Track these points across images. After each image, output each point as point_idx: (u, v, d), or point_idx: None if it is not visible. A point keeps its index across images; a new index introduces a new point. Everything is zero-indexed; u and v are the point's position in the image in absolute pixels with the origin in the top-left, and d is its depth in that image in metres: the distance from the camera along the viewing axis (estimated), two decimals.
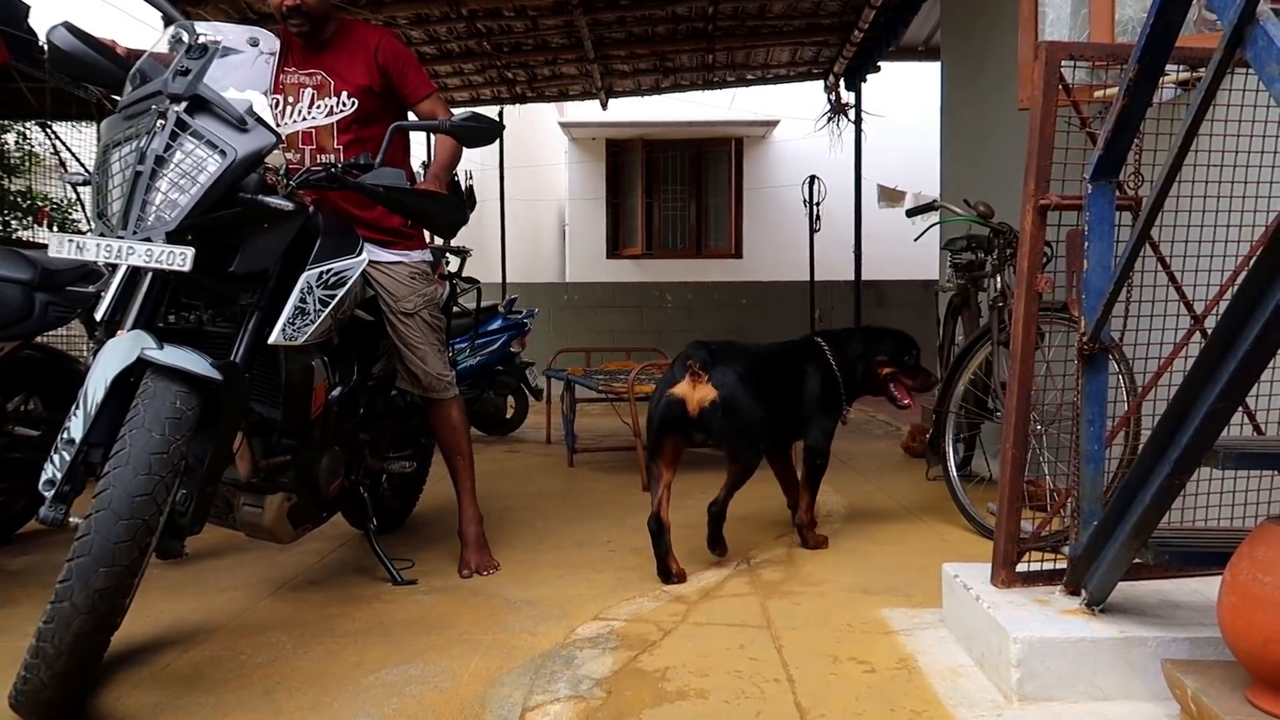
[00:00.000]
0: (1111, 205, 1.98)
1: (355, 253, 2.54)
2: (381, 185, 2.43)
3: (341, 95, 2.89)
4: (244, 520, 2.51)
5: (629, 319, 9.63)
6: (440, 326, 3.06)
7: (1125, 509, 1.80)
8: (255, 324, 2.27)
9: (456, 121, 2.54)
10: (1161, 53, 1.78)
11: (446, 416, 3.07)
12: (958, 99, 5.24)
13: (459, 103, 8.92)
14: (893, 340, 3.33)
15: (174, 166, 2.05)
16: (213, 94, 2.16)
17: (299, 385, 2.41)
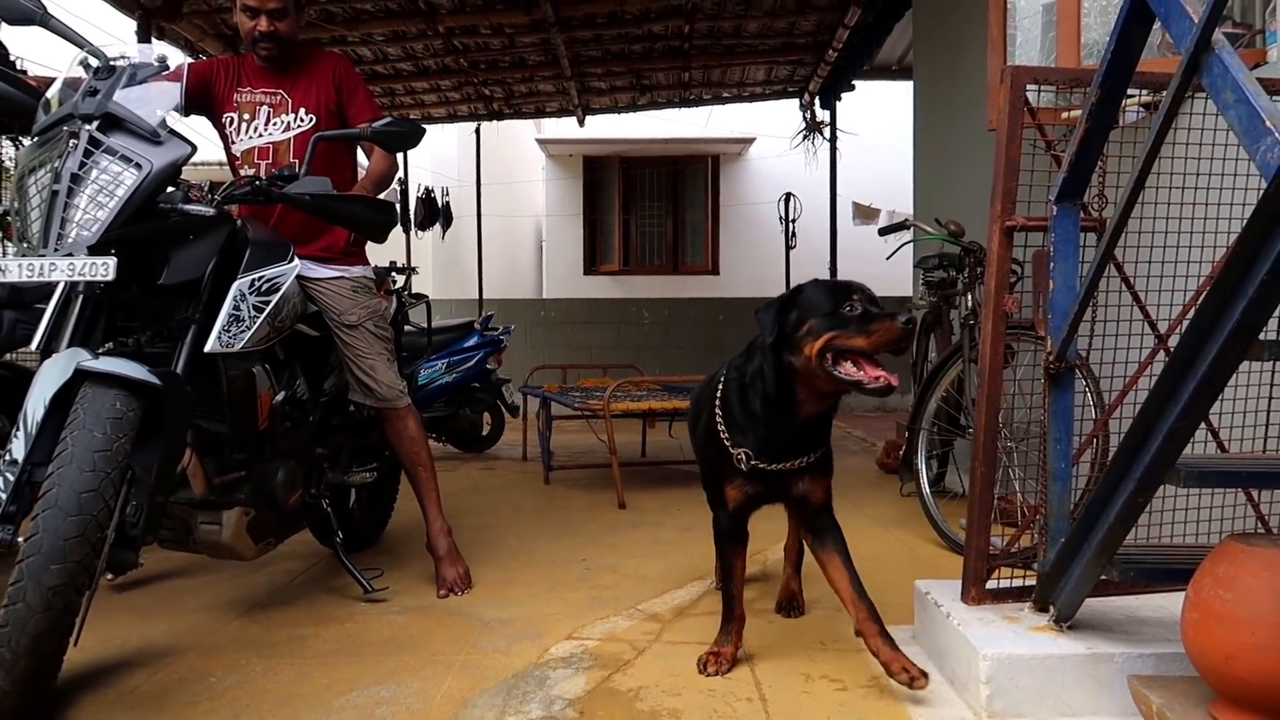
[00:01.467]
0: (1076, 226, 2.02)
1: (287, 260, 2.58)
2: (307, 193, 2.44)
3: (299, 112, 2.95)
4: (203, 539, 2.51)
5: (606, 335, 9.63)
6: (387, 337, 3.07)
7: (1091, 526, 1.83)
8: (193, 336, 2.28)
9: (378, 128, 2.58)
10: (1122, 78, 1.81)
11: (403, 427, 3.07)
12: (930, 118, 5.30)
13: (436, 119, 8.94)
14: (803, 303, 1.99)
15: (90, 183, 2.09)
16: (124, 110, 2.20)
17: (241, 393, 2.42)
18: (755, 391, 2.09)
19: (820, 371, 1.92)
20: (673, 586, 3.02)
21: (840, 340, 1.90)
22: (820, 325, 1.91)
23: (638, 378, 6.02)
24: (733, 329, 9.54)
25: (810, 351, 1.93)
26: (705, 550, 3.40)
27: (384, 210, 2.67)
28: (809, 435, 2.12)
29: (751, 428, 2.11)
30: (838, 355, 1.91)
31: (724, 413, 2.15)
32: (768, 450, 2.10)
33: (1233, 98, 1.41)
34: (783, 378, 2.01)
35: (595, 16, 6.52)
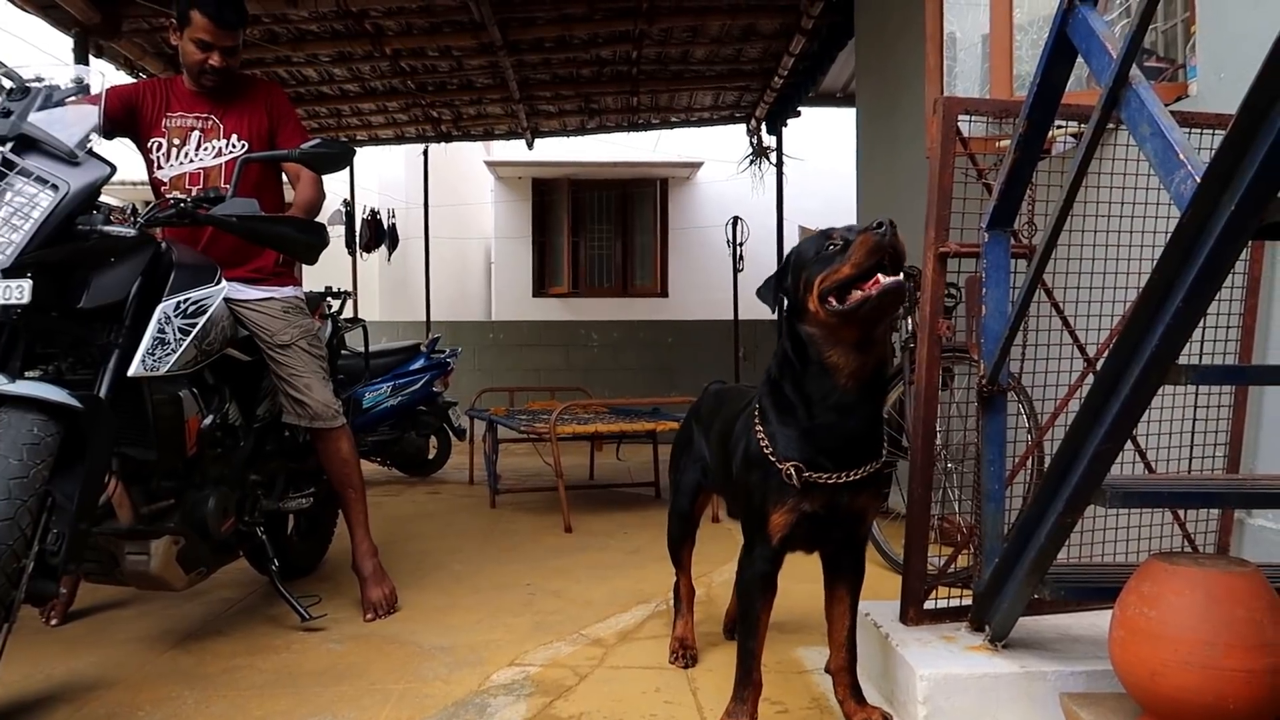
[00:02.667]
0: (1007, 253, 2.07)
1: (213, 281, 2.55)
2: (234, 215, 2.41)
3: (231, 138, 2.93)
4: (131, 570, 2.44)
5: (555, 357, 9.61)
6: (322, 355, 3.05)
7: (1023, 546, 1.86)
8: (116, 360, 2.23)
9: (306, 149, 2.55)
10: (1049, 110, 1.87)
11: (336, 448, 3.03)
12: (872, 146, 5.41)
13: (383, 141, 8.89)
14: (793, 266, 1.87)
15: (4, 205, 2.05)
16: (39, 132, 2.17)
17: (168, 418, 2.37)
18: (787, 380, 1.85)
19: (829, 317, 1.74)
20: (617, 610, 3.01)
21: (830, 278, 1.73)
22: (809, 274, 1.78)
23: (585, 400, 6.01)
24: (682, 350, 9.59)
25: (813, 304, 1.76)
26: (650, 573, 3.41)
27: (313, 230, 2.64)
28: (862, 431, 1.83)
29: (797, 426, 1.83)
30: (840, 295, 1.73)
31: (764, 424, 1.90)
32: (822, 451, 1.82)
33: (1149, 131, 1.47)
34: (805, 347, 1.81)
35: (543, 40, 6.55)
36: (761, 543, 1.91)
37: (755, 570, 1.92)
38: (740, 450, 2.00)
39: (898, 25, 4.83)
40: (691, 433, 2.51)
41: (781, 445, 1.85)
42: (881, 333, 1.79)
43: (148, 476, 2.42)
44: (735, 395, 2.31)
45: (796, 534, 1.89)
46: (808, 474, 1.81)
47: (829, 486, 1.83)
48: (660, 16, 6.15)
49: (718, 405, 2.36)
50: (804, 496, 1.84)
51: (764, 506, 1.88)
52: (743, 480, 1.98)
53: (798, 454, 1.83)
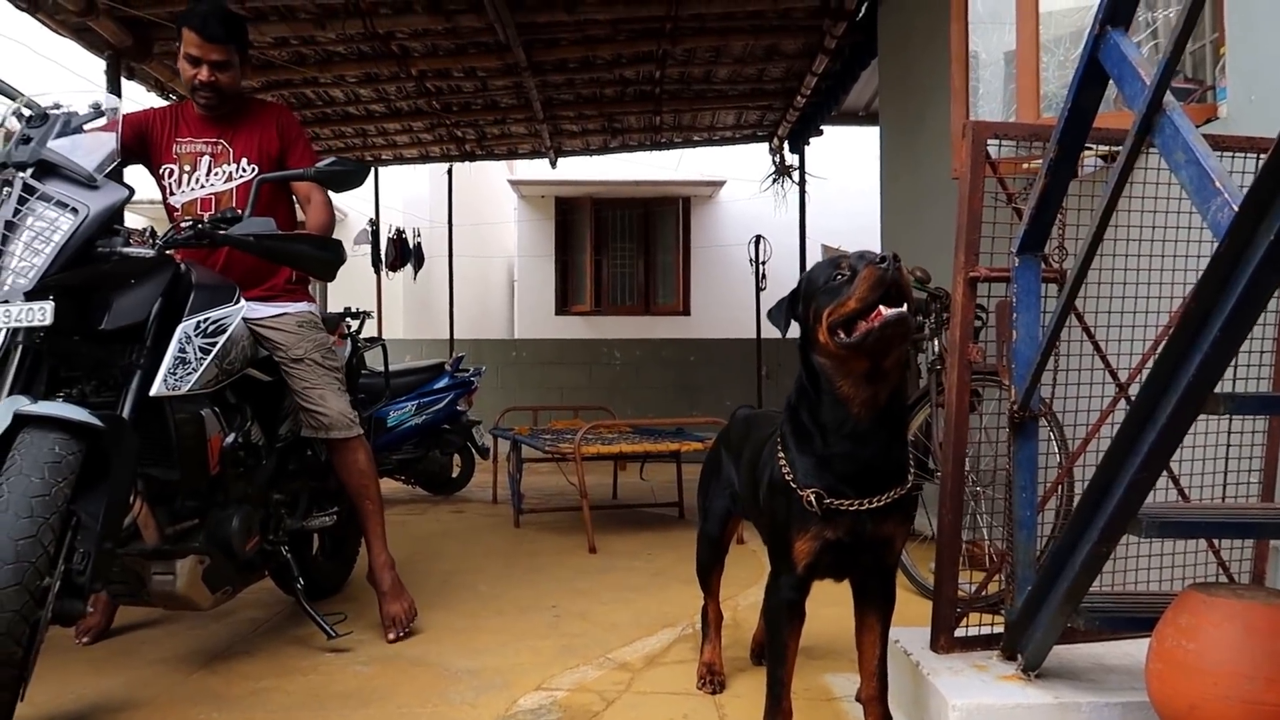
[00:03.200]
0: (1037, 278, 2.06)
1: (232, 301, 2.59)
2: (251, 234, 2.43)
3: (241, 162, 2.95)
4: (157, 590, 2.46)
5: (577, 375, 9.63)
6: (336, 368, 3.07)
7: (1057, 575, 1.84)
8: (139, 380, 2.26)
9: (322, 168, 2.56)
10: (1079, 135, 1.86)
11: (353, 459, 3.05)
12: (895, 165, 5.40)
13: (408, 160, 8.98)
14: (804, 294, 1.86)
15: (26, 230, 2.09)
16: (59, 157, 2.21)
17: (190, 436, 2.40)
18: (804, 409, 1.85)
19: (837, 349, 1.73)
20: (643, 634, 3.00)
21: (838, 312, 1.72)
22: (818, 305, 1.77)
23: (609, 420, 6.01)
24: (704, 369, 9.58)
25: (822, 336, 1.76)
26: (675, 596, 3.39)
27: (330, 247, 2.64)
28: (883, 457, 1.82)
29: (815, 453, 1.82)
30: (849, 327, 1.71)
31: (784, 451, 1.90)
32: (843, 479, 1.80)
33: (1184, 158, 1.45)
34: (818, 376, 1.81)
35: (567, 61, 6.60)
36: (787, 570, 1.90)
37: (782, 598, 1.92)
38: (765, 477, 2.00)
39: (921, 45, 4.83)
40: (720, 458, 2.50)
41: (802, 472, 1.84)
42: (892, 363, 1.77)
43: (172, 496, 2.44)
44: (763, 421, 2.30)
45: (822, 561, 1.88)
46: (829, 501, 1.80)
47: (851, 513, 1.81)
48: (684, 37, 6.18)
49: (746, 431, 2.35)
50: (826, 524, 1.82)
51: (788, 533, 1.87)
52: (768, 507, 1.98)
53: (818, 481, 1.82)
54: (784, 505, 1.89)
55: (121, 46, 5.55)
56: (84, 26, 5.35)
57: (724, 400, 9.19)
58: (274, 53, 6.02)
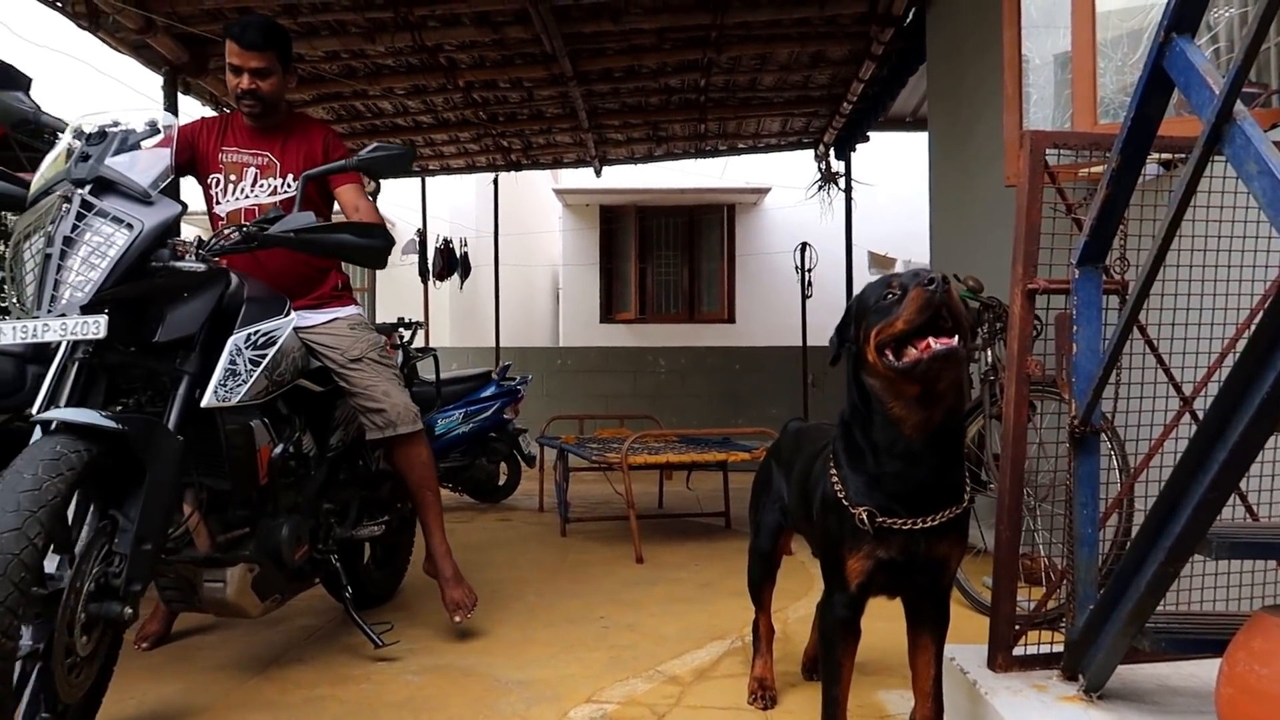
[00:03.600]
0: (1098, 290, 2.01)
1: (283, 313, 2.62)
2: (291, 230, 2.44)
3: (287, 178, 3.00)
4: (208, 597, 2.50)
5: (622, 383, 9.63)
6: (393, 364, 3.10)
7: (1120, 595, 1.79)
8: (186, 386, 2.29)
9: (364, 156, 2.56)
10: (1143, 144, 1.82)
11: (416, 453, 3.09)
12: (945, 172, 5.33)
13: (454, 170, 9.06)
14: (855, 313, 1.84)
15: (83, 245, 2.13)
16: (115, 173, 2.25)
17: (239, 447, 2.43)
18: (857, 427, 1.82)
19: (886, 371, 1.70)
20: (692, 647, 2.98)
21: (886, 331, 1.69)
22: (869, 324, 1.74)
23: (655, 430, 6.00)
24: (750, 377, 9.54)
25: (871, 356, 1.73)
26: (724, 608, 3.38)
27: (372, 232, 2.58)
28: (938, 477, 1.79)
29: (867, 471, 1.80)
30: (898, 348, 1.68)
31: (836, 467, 1.88)
32: (895, 499, 1.78)
33: (1256, 169, 1.41)
34: (869, 395, 1.78)
35: (612, 70, 6.62)
36: (840, 588, 1.87)
37: (835, 616, 1.89)
38: (817, 492, 1.98)
39: (971, 51, 4.77)
40: (771, 472, 2.48)
41: (854, 490, 1.82)
42: (946, 386, 1.73)
43: (224, 505, 2.48)
44: (815, 434, 2.28)
45: (875, 580, 1.85)
46: (880, 519, 1.78)
47: (904, 532, 1.78)
48: (729, 45, 6.16)
49: (797, 444, 2.33)
50: (879, 543, 1.80)
51: (840, 551, 1.85)
52: (820, 523, 1.96)
53: (870, 499, 1.79)
54: (836, 522, 1.87)
55: (178, 62, 5.68)
56: (143, 43, 5.48)
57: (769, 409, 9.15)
58: (325, 66, 6.11)
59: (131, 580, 2.00)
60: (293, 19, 5.39)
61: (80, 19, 5.17)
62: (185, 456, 2.16)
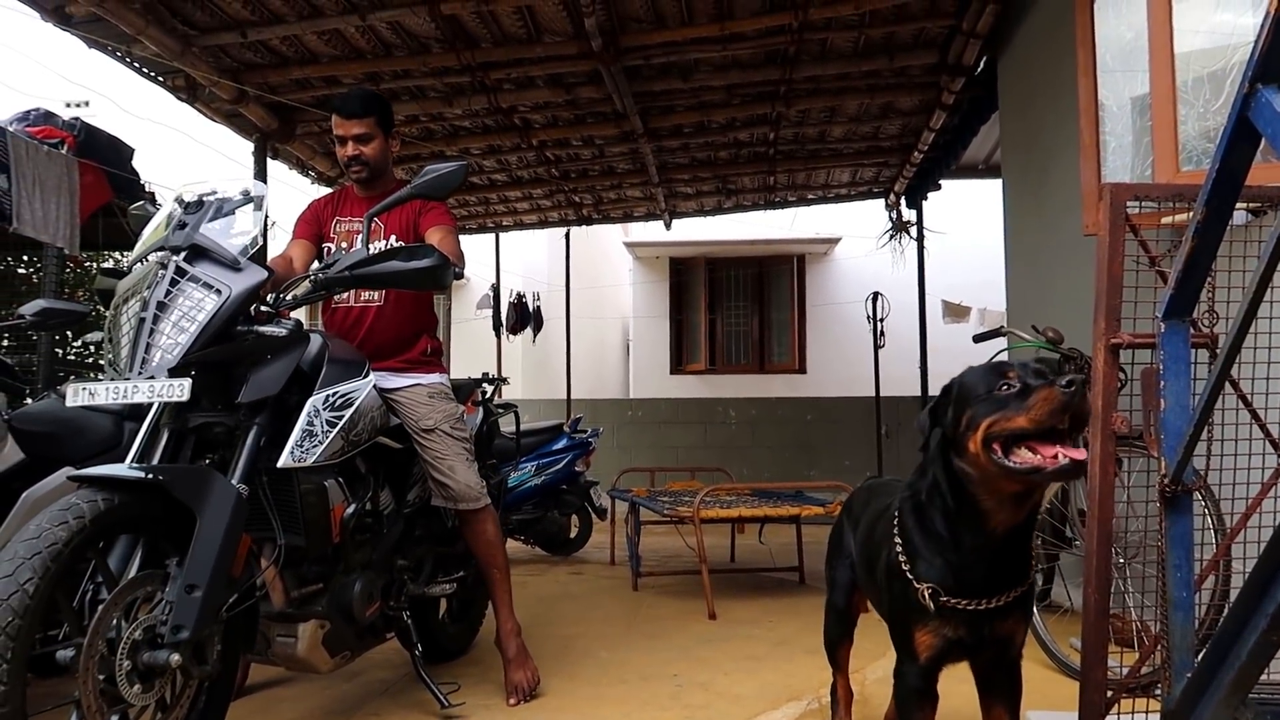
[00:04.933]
0: (1186, 344, 1.95)
1: (361, 375, 2.68)
2: (346, 268, 2.48)
3: (391, 239, 3.09)
4: (279, 652, 2.54)
5: (693, 435, 9.62)
6: (465, 438, 3.13)
7: (1220, 662, 1.71)
8: (253, 438, 2.34)
9: (418, 182, 2.58)
10: (1229, 197, 1.77)
11: (482, 529, 3.11)
12: (1021, 221, 5.25)
13: (527, 225, 9.26)
14: (958, 395, 1.73)
15: (175, 309, 2.22)
16: (209, 241, 2.34)
17: (314, 506, 2.46)
18: (935, 508, 1.75)
19: (991, 467, 1.60)
20: (768, 707, 2.92)
21: (1000, 425, 1.58)
22: (977, 413, 1.62)
23: (728, 484, 5.96)
24: (821, 428, 9.44)
25: (974, 446, 1.62)
26: (799, 667, 3.31)
27: (421, 254, 2.54)
28: (1009, 560, 1.74)
29: (938, 554, 1.75)
30: (1008, 443, 1.59)
31: (903, 541, 1.83)
32: (962, 582, 1.73)
33: None
34: (957, 485, 1.70)
35: (682, 126, 6.73)
36: (909, 659, 1.85)
37: (909, 685, 1.86)
38: (882, 558, 1.95)
39: (1045, 98, 4.72)
40: (843, 529, 2.44)
41: (921, 567, 1.79)
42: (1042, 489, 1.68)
43: (299, 561, 2.53)
44: (881, 491, 2.25)
45: (943, 653, 1.82)
46: (945, 599, 1.75)
47: (969, 612, 1.75)
48: (797, 99, 6.22)
49: (866, 501, 2.30)
50: (944, 620, 1.77)
51: (906, 623, 1.84)
52: (885, 588, 1.93)
53: (935, 576, 1.76)
54: (900, 593, 1.84)
55: (268, 129, 5.96)
56: (235, 113, 5.78)
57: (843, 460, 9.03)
58: (405, 129, 6.34)
59: (179, 627, 1.99)
60: (375, 85, 5.62)
61: (179, 91, 5.48)
62: (244, 507, 2.18)
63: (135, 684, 1.96)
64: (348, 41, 5.18)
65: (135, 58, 5.10)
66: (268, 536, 2.41)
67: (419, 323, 3.19)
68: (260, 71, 5.41)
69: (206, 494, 2.11)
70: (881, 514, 2.03)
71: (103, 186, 5.36)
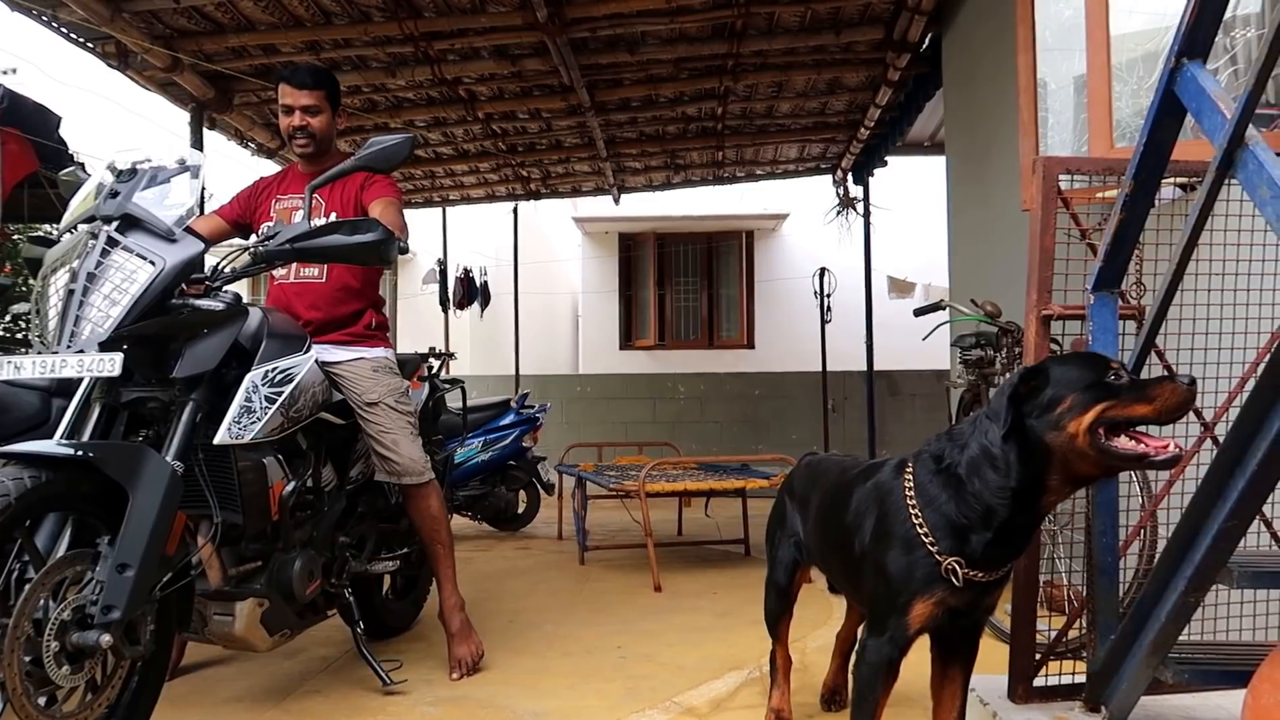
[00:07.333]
0: (1114, 315, 2.00)
1: (302, 350, 2.63)
2: (286, 241, 2.42)
3: (331, 215, 3.02)
4: (216, 631, 2.50)
5: (642, 410, 9.63)
6: (409, 412, 3.09)
7: (1142, 625, 1.77)
8: (188, 415, 2.28)
9: (363, 154, 2.52)
10: (1156, 170, 1.81)
11: (425, 505, 3.08)
12: (963, 196, 5.32)
13: (474, 200, 9.15)
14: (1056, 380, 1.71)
15: (105, 281, 2.15)
16: (142, 211, 2.27)
17: (251, 484, 2.43)
18: (986, 484, 1.73)
19: (1092, 450, 1.64)
20: (710, 677, 2.96)
21: (1116, 411, 1.63)
22: (1087, 398, 1.65)
23: (674, 458, 5.99)
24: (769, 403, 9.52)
25: (1078, 429, 1.64)
26: (742, 638, 3.34)
27: (364, 227, 2.48)
28: (1024, 534, 1.78)
29: (978, 529, 1.74)
30: (1110, 429, 1.64)
31: (925, 510, 1.80)
32: (987, 555, 1.74)
33: (1269, 194, 1.40)
34: (1030, 464, 1.70)
35: (630, 100, 6.68)
36: (897, 628, 1.81)
37: (884, 655, 1.84)
38: (872, 528, 1.91)
39: (987, 75, 4.77)
40: (785, 507, 2.46)
41: (947, 540, 1.75)
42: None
43: (237, 539, 2.49)
44: (831, 467, 2.26)
45: (935, 622, 1.82)
46: (967, 572, 1.74)
47: (981, 584, 1.77)
48: (745, 74, 6.20)
49: (813, 478, 2.31)
50: (953, 592, 1.76)
51: (906, 593, 1.80)
52: (878, 561, 1.87)
53: (961, 549, 1.74)
54: (904, 564, 1.80)
55: (204, 99, 5.79)
56: (170, 81, 5.60)
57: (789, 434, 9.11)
58: (347, 100, 6.20)
59: (109, 607, 1.94)
60: (315, 54, 5.49)
61: (110, 58, 5.29)
62: (178, 485, 2.12)
63: (64, 665, 1.92)
64: (286, 9, 5.04)
65: (62, 22, 4.91)
66: (205, 514, 2.37)
67: (363, 298, 3.14)
68: (195, 39, 5.25)
69: (139, 471, 2.05)
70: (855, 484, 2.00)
71: (28, 156, 5.17)
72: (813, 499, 2.24)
